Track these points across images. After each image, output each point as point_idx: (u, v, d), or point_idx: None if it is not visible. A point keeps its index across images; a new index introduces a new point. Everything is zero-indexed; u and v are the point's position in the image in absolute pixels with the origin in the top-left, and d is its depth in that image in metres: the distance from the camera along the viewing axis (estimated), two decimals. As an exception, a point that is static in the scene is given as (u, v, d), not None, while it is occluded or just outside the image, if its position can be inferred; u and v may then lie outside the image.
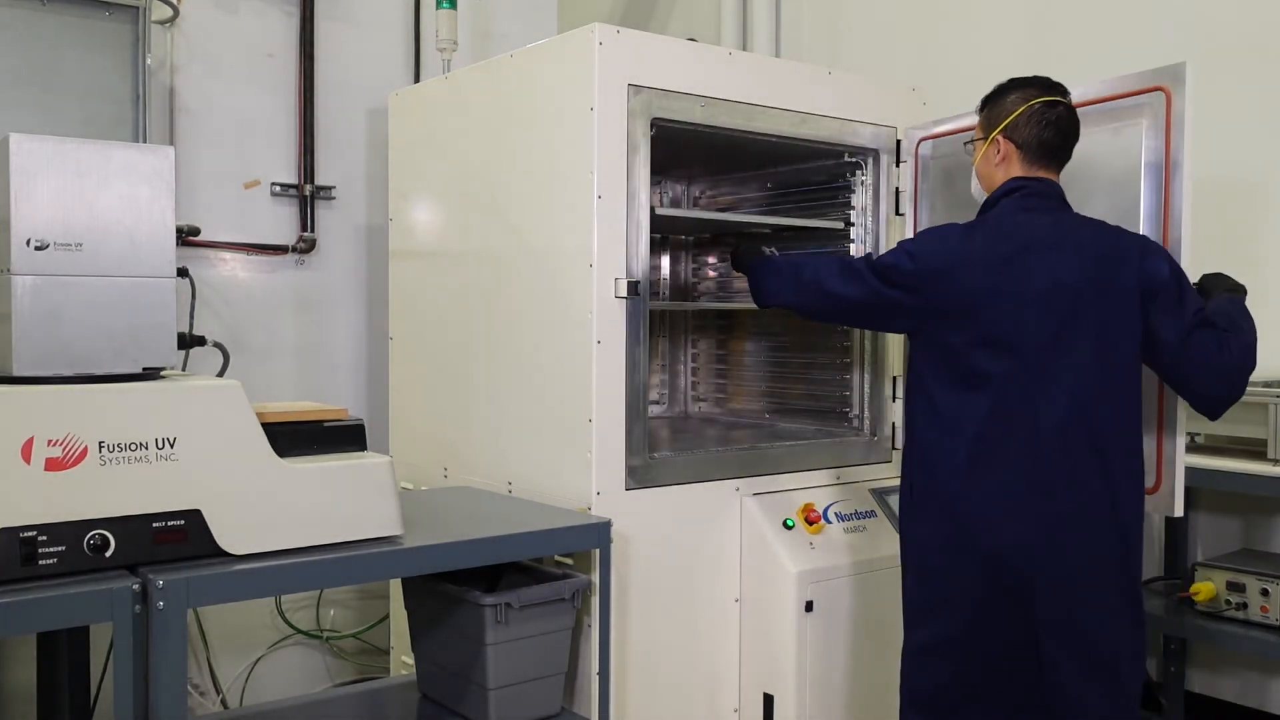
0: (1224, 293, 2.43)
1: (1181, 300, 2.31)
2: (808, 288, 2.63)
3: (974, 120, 2.61)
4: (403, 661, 3.27)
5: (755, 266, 2.84)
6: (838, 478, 3.15)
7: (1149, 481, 2.48)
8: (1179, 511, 2.47)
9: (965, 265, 2.36)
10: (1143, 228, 2.49)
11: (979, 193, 2.57)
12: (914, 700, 2.44)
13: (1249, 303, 2.45)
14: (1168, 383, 2.40)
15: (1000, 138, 2.47)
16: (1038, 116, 2.43)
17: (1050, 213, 2.41)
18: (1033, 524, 2.27)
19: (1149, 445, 2.49)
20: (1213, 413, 2.36)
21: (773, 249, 3.01)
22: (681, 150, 3.25)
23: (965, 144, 2.63)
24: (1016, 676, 2.30)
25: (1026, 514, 2.27)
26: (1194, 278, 2.46)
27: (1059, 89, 2.47)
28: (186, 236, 3.59)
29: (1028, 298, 2.30)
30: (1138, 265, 2.31)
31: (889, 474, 3.26)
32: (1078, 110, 2.50)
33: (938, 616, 2.39)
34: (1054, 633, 2.27)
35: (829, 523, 3.00)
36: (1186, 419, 2.48)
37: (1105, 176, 2.59)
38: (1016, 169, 2.46)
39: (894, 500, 3.16)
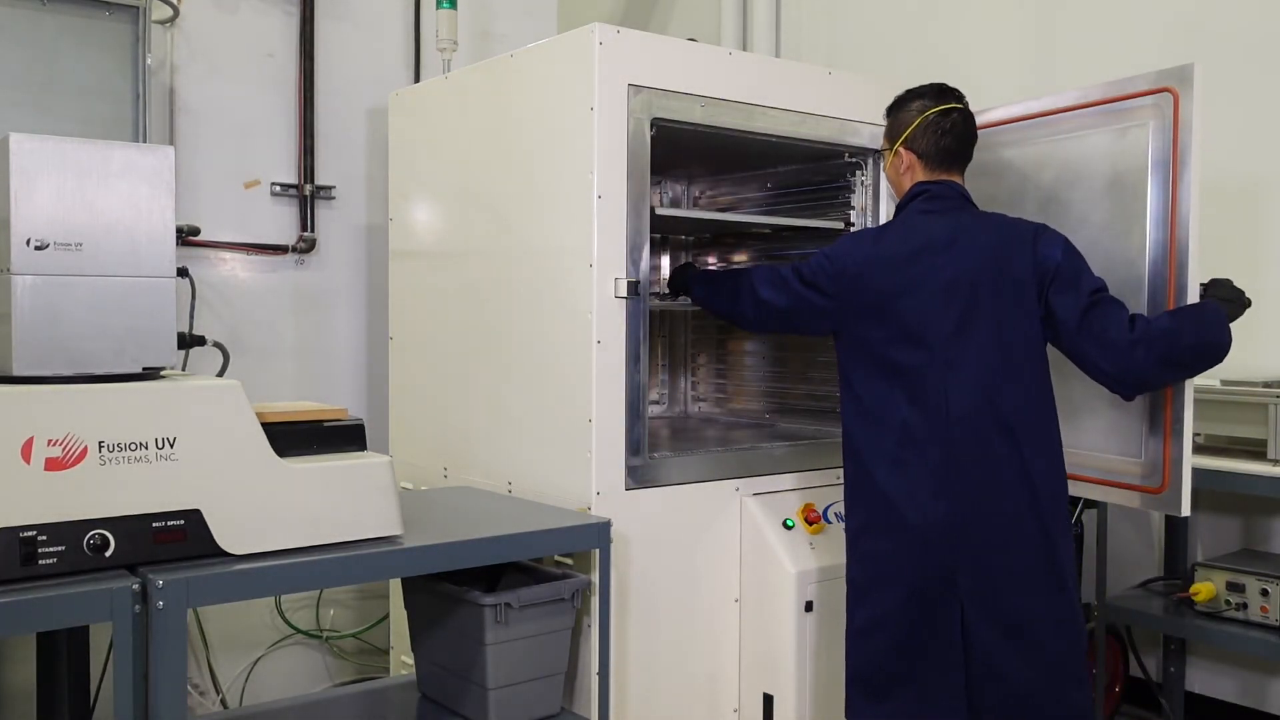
0: (1215, 300, 2.44)
1: (1076, 281, 2.40)
2: (742, 297, 2.76)
3: (995, 116, 2.66)
4: (403, 661, 3.27)
5: (694, 279, 3.01)
6: (838, 478, 3.14)
7: (1155, 482, 2.49)
8: (1186, 512, 2.47)
9: (875, 265, 2.51)
10: (1149, 229, 2.50)
11: (893, 196, 2.73)
12: (856, 677, 2.54)
13: (1253, 308, 2.44)
14: (1074, 362, 2.46)
15: (901, 149, 2.60)
16: (934, 126, 2.56)
17: (950, 213, 2.54)
18: (951, 501, 2.39)
19: (1155, 447, 2.49)
20: (1121, 391, 2.42)
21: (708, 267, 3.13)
22: (681, 150, 3.25)
23: (876, 152, 2.75)
24: (947, 652, 2.41)
25: (945, 492, 2.40)
26: (1200, 279, 2.45)
27: (953, 94, 2.59)
28: (186, 236, 3.60)
29: (931, 292, 2.45)
30: (1031, 252, 2.43)
31: (889, 474, 3.25)
32: (1084, 111, 2.52)
33: (873, 596, 2.50)
34: (974, 603, 2.38)
35: (829, 523, 3.00)
36: (1193, 420, 2.47)
37: (1110, 177, 2.59)
38: (920, 175, 2.60)
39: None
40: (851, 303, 2.53)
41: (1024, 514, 2.39)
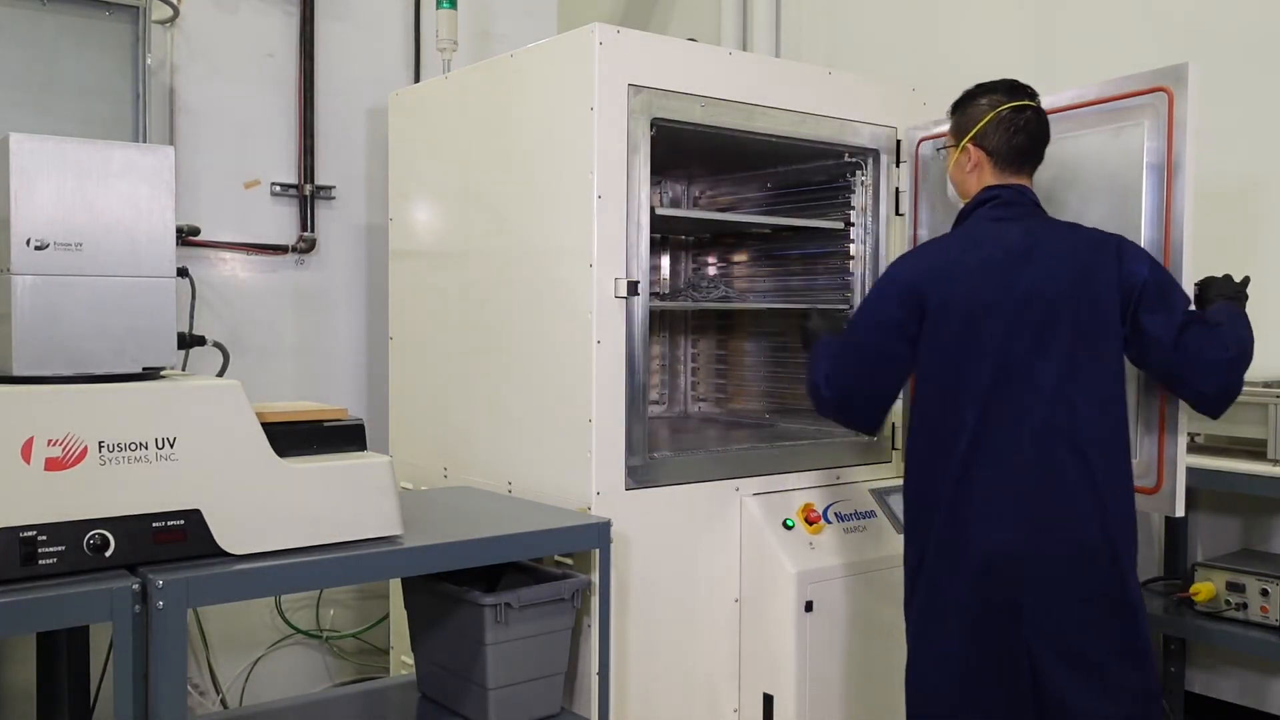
0: (1221, 299, 2.43)
1: (1167, 298, 2.31)
2: (838, 356, 2.55)
3: None
4: (403, 661, 3.27)
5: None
6: (838, 478, 3.15)
7: (1149, 482, 2.48)
8: (1180, 512, 2.47)
9: (945, 277, 2.38)
10: (1144, 229, 2.49)
11: (954, 198, 2.60)
12: (919, 710, 2.42)
13: (1249, 306, 2.45)
14: (1161, 382, 2.40)
15: (970, 145, 2.47)
16: (1006, 123, 2.43)
17: (1023, 220, 2.41)
18: (1019, 528, 2.27)
19: (1150, 446, 2.49)
20: (1211, 410, 2.35)
21: None
22: (681, 150, 3.25)
23: (938, 149, 2.61)
24: (1016, 687, 2.28)
25: (1012, 519, 2.27)
26: (1195, 279, 2.46)
27: (1026, 92, 2.46)
28: (186, 236, 3.59)
29: (1006, 305, 2.31)
30: (1115, 268, 2.31)
31: (889, 474, 3.26)
32: (1080, 110, 2.49)
33: (935, 627, 2.38)
34: (1043, 636, 2.26)
35: (829, 523, 3.00)
36: (1188, 420, 2.47)
37: (1106, 177, 2.59)
38: (989, 175, 2.47)
39: (894, 500, 3.16)
40: (921, 317, 2.38)
41: (1095, 542, 2.26)
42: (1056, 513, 2.26)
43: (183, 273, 2.30)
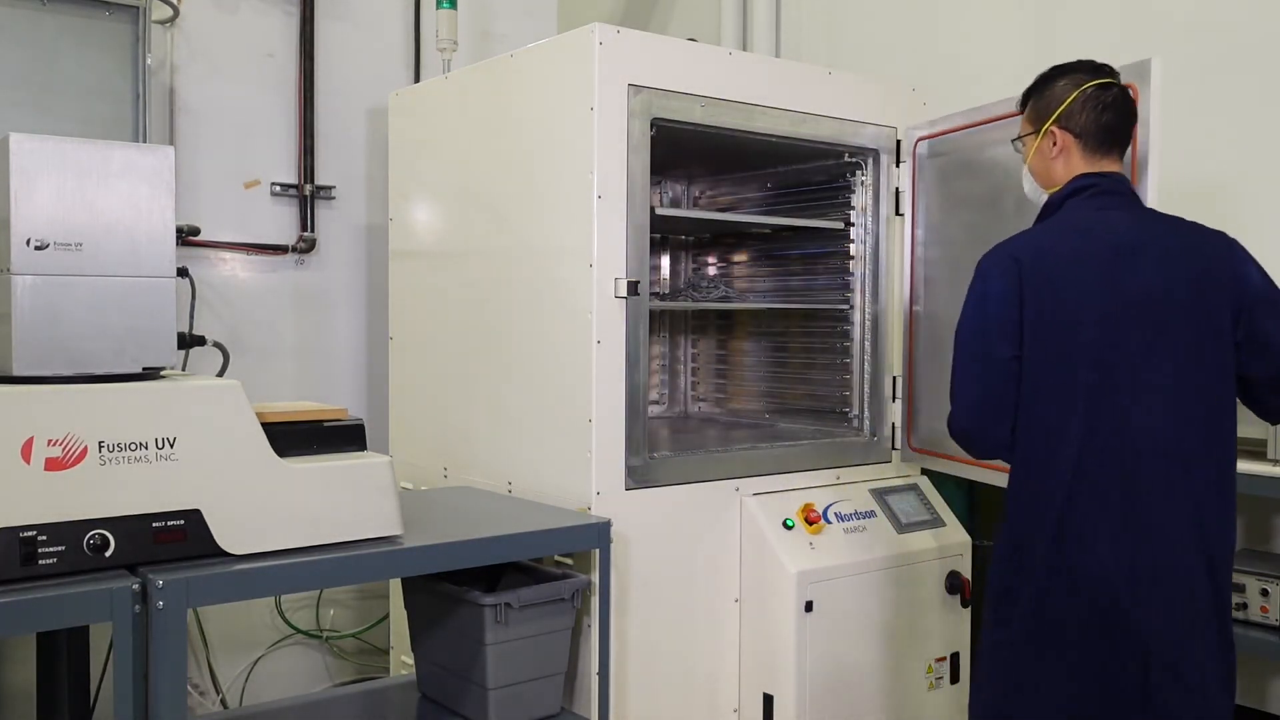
0: None
1: (1278, 303, 2.17)
2: (958, 380, 2.30)
3: (971, 118, 2.57)
4: (403, 661, 3.27)
5: None
6: (838, 478, 3.15)
7: None
8: None
9: (1046, 274, 2.17)
10: None
11: (1035, 192, 2.40)
12: None
13: None
14: (1267, 391, 2.24)
15: (1055, 129, 2.29)
16: (1093, 101, 2.26)
17: (1126, 210, 2.25)
18: (1130, 544, 2.12)
19: None
20: None
21: None
22: (681, 150, 3.25)
23: (1014, 141, 2.44)
24: (1121, 703, 2.14)
25: (1123, 534, 2.12)
26: None
27: (1109, 70, 2.30)
28: (186, 236, 3.59)
29: (1115, 306, 2.14)
30: (1229, 270, 2.18)
31: (889, 474, 3.26)
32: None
33: (1048, 648, 2.17)
34: (1158, 658, 2.11)
35: (829, 523, 3.00)
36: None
37: None
38: (1077, 160, 2.28)
39: (894, 500, 3.17)
40: (1021, 314, 2.16)
41: (1199, 561, 2.13)
42: (1169, 530, 2.13)
43: (183, 273, 2.30)
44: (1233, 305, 2.17)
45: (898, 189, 3.24)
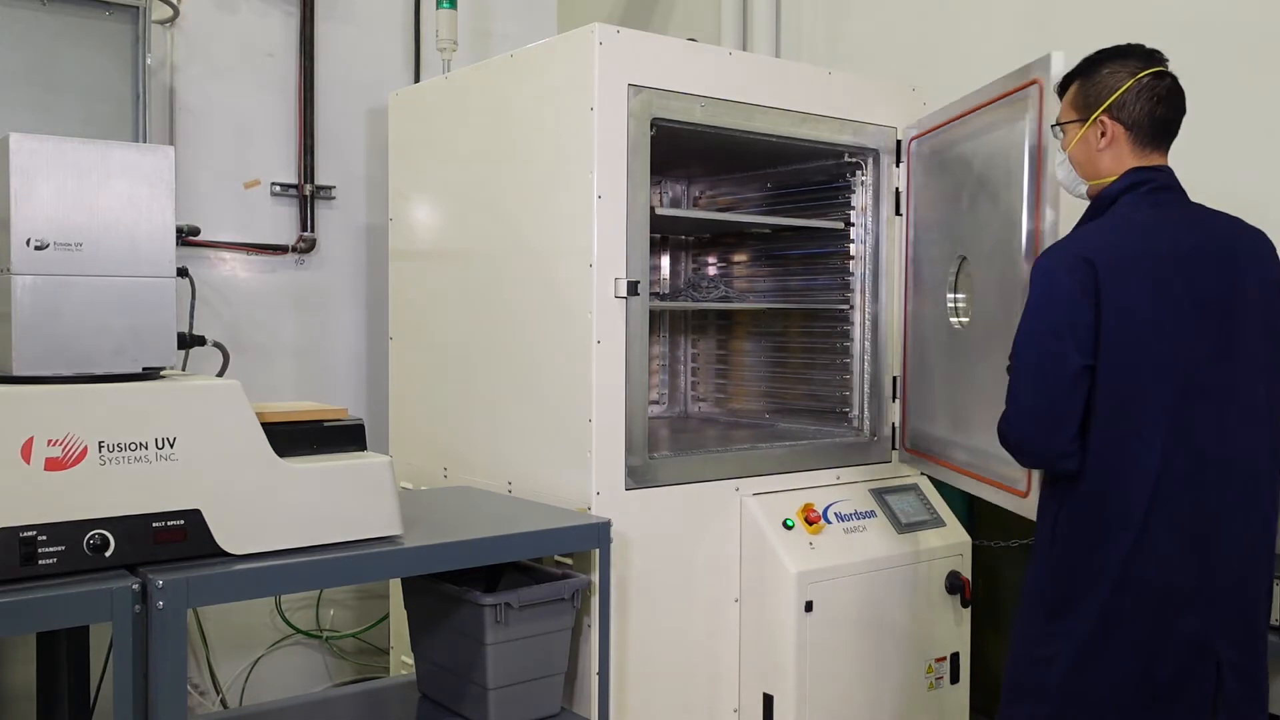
0: None
1: None
2: (1017, 386, 2.17)
3: (950, 113, 2.54)
4: (402, 661, 3.27)
5: None
6: (838, 478, 3.15)
7: (1023, 485, 2.44)
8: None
9: (1115, 275, 2.04)
10: (1024, 221, 2.49)
11: (1072, 181, 2.28)
12: None
13: None
14: None
15: (1105, 118, 2.16)
16: (1148, 91, 2.14)
17: (1182, 207, 2.16)
18: (1206, 559, 2.06)
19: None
20: None
21: None
22: (681, 150, 3.25)
23: (1053, 126, 2.31)
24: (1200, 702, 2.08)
25: (1199, 549, 2.05)
26: None
27: (1161, 57, 2.19)
28: (186, 236, 3.57)
29: (1188, 310, 2.05)
30: (1275, 266, 2.13)
31: (889, 474, 3.26)
32: (994, 105, 2.39)
33: (1121, 660, 2.08)
34: (1233, 673, 2.07)
35: (829, 523, 3.00)
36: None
37: (1007, 170, 2.60)
38: (1125, 153, 2.17)
39: (894, 500, 3.16)
40: (1095, 317, 2.03)
41: (1267, 576, 2.11)
42: (1245, 544, 2.08)
43: (183, 273, 2.29)
44: (1276, 303, 2.12)
45: (898, 189, 3.24)
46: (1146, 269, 2.06)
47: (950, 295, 2.94)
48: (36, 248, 1.93)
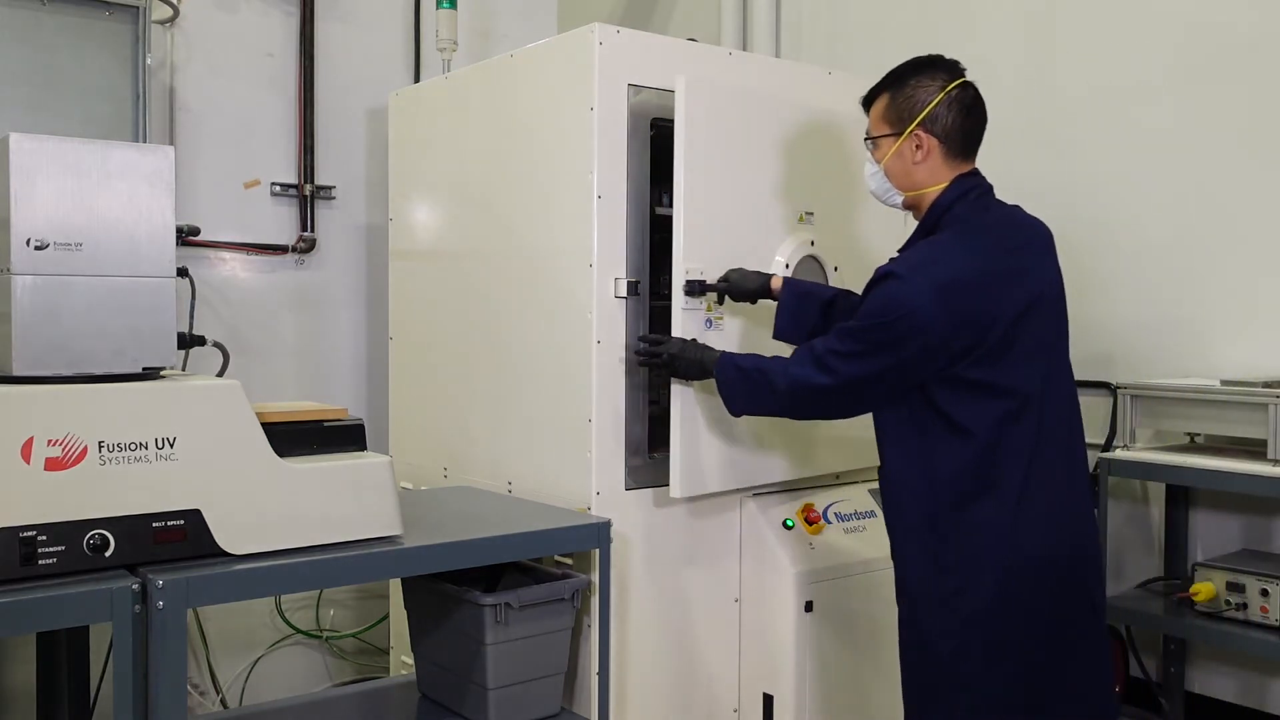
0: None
1: None
2: (794, 396, 2.27)
3: None
4: (402, 661, 3.27)
5: (718, 383, 2.46)
6: (837, 478, 3.15)
7: None
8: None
9: (977, 285, 2.09)
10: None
11: (885, 192, 2.29)
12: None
13: (1252, 309, 2.44)
14: None
15: (920, 131, 2.18)
16: (957, 103, 2.18)
17: (1002, 209, 2.25)
18: (1074, 528, 2.20)
19: None
20: None
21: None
22: (681, 150, 3.25)
23: (866, 140, 2.30)
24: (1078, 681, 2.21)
25: (1071, 519, 2.19)
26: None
27: (958, 65, 2.22)
28: (186, 236, 3.57)
29: (1040, 302, 2.17)
30: (1055, 254, 2.27)
31: (889, 474, 3.25)
32: None
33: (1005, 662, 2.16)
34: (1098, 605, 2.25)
35: (829, 523, 3.00)
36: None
37: None
38: (940, 164, 2.19)
39: (894, 500, 3.16)
40: (962, 333, 2.07)
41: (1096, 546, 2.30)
42: (1088, 507, 2.25)
43: (183, 273, 2.29)
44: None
45: (898, 189, 3.23)
46: (995, 271, 2.13)
47: None
48: (36, 248, 1.93)
